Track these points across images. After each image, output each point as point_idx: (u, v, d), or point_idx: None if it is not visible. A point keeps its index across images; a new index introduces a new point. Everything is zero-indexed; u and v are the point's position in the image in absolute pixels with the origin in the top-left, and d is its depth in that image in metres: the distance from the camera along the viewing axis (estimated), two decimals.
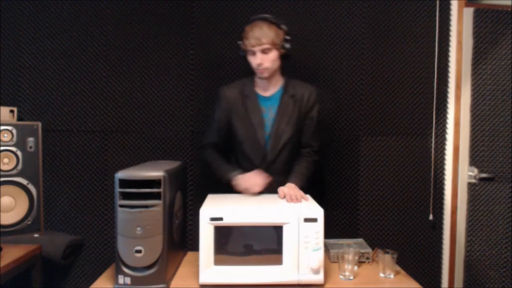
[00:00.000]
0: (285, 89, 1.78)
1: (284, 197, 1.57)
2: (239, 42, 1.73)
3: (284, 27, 1.71)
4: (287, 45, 1.72)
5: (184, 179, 1.86)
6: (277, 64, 1.72)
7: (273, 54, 1.68)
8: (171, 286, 1.39)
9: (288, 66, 2.14)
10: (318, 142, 1.86)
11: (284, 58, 1.75)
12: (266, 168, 1.75)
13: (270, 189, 1.73)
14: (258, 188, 1.64)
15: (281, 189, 1.61)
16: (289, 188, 1.61)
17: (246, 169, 1.75)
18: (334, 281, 1.44)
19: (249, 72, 1.80)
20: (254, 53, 1.67)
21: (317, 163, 1.86)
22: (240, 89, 1.79)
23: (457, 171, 2.24)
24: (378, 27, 2.19)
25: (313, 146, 1.84)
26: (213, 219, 1.35)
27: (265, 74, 1.70)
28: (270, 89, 1.78)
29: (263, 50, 1.65)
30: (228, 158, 1.85)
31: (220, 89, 1.83)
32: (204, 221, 1.35)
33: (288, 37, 1.71)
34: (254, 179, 1.65)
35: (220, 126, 1.81)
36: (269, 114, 1.77)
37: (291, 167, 1.79)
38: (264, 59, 1.66)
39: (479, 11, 2.18)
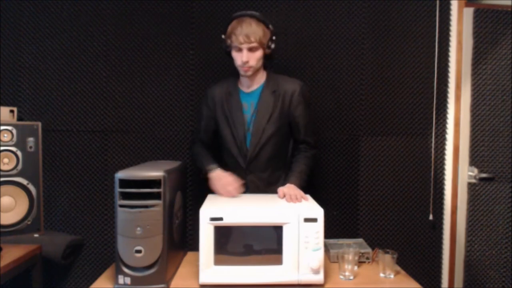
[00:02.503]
0: (266, 84, 1.76)
1: (284, 196, 1.57)
2: (223, 36, 1.70)
3: (271, 27, 1.69)
4: (273, 46, 1.70)
5: (184, 179, 1.86)
6: (261, 63, 1.70)
7: (259, 53, 1.66)
8: (171, 286, 1.38)
9: (289, 66, 2.15)
10: (313, 137, 1.83)
11: (268, 57, 1.73)
12: (247, 164, 1.75)
13: (254, 186, 1.75)
14: (234, 192, 1.62)
15: (280, 189, 1.61)
16: (289, 188, 1.60)
17: (230, 164, 1.78)
18: (334, 281, 1.44)
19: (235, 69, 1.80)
20: (240, 50, 1.64)
21: (316, 156, 1.85)
22: (226, 87, 1.80)
23: (457, 171, 2.24)
24: (378, 27, 2.19)
25: (309, 142, 1.82)
26: (213, 219, 1.35)
27: (249, 73, 1.68)
28: (252, 86, 1.76)
29: (250, 48, 1.63)
30: (219, 155, 1.86)
31: (207, 88, 1.86)
32: (204, 221, 1.35)
33: (274, 38, 1.70)
34: (226, 182, 1.64)
35: (206, 125, 1.84)
36: (250, 110, 1.75)
37: (275, 163, 1.78)
38: (250, 57, 1.64)
39: (479, 11, 2.18)
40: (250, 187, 1.76)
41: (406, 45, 2.20)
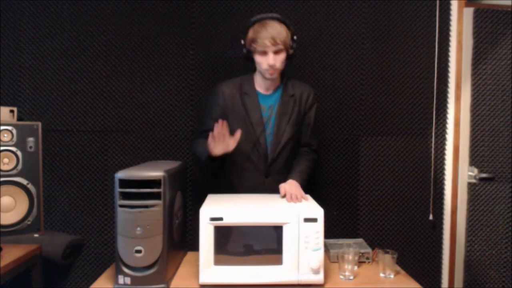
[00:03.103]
0: (284, 88, 1.76)
1: (285, 195, 1.56)
2: (242, 42, 1.67)
3: (291, 27, 1.67)
4: (294, 46, 1.68)
5: (184, 179, 1.86)
6: (284, 64, 1.68)
7: (283, 55, 1.65)
8: (171, 286, 1.38)
9: (288, 65, 2.15)
10: (316, 141, 1.87)
11: (289, 58, 1.70)
12: (267, 167, 1.75)
13: (271, 188, 1.72)
14: (232, 145, 1.56)
15: (282, 186, 1.60)
16: (290, 186, 1.59)
17: (244, 167, 1.75)
18: (334, 281, 1.44)
19: (247, 70, 1.79)
20: (265, 53, 1.62)
21: (316, 161, 1.86)
22: (239, 86, 1.76)
23: (457, 171, 2.24)
24: (378, 27, 2.19)
25: (312, 145, 1.85)
26: (213, 219, 1.35)
27: (274, 75, 1.67)
28: (271, 88, 1.76)
29: (276, 51, 1.61)
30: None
31: (217, 86, 1.78)
32: (204, 221, 1.35)
33: (295, 38, 1.67)
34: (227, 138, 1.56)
35: (214, 124, 1.76)
36: (269, 113, 1.75)
37: (290, 166, 1.78)
38: (276, 60, 1.62)
39: (479, 11, 2.18)
40: (269, 191, 1.71)
41: (406, 45, 2.21)
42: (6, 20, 2.08)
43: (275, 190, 1.66)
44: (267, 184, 1.75)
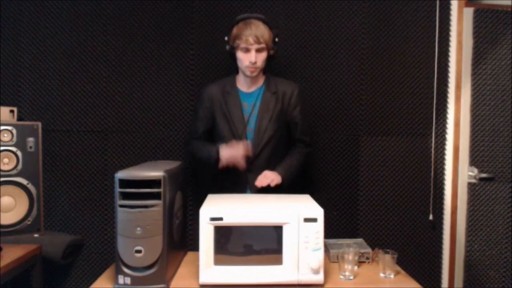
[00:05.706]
0: (267, 85, 1.80)
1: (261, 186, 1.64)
2: (226, 38, 1.74)
3: (274, 29, 1.74)
4: (275, 47, 1.76)
5: (184, 179, 1.86)
6: (265, 63, 1.75)
7: (265, 54, 1.72)
8: (171, 286, 1.38)
9: (289, 66, 2.15)
10: (309, 137, 1.89)
11: (270, 59, 1.78)
12: (249, 164, 1.76)
13: (254, 186, 1.75)
14: (242, 162, 1.69)
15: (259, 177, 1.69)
16: (266, 172, 1.68)
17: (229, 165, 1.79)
18: (334, 281, 1.44)
19: (234, 70, 1.83)
20: (248, 51, 1.69)
21: (309, 155, 1.89)
22: (222, 86, 1.82)
23: (457, 171, 2.24)
24: (378, 27, 2.19)
25: (304, 141, 1.87)
26: (213, 219, 1.35)
27: (255, 73, 1.73)
28: (252, 86, 1.81)
29: (258, 49, 1.69)
30: None
31: (202, 88, 1.87)
32: (204, 221, 1.35)
33: (276, 40, 1.75)
34: (237, 150, 1.69)
35: (203, 125, 1.85)
36: (251, 110, 1.78)
37: (274, 163, 1.80)
38: (258, 58, 1.70)
39: (479, 11, 2.18)
40: (251, 187, 1.76)
41: (406, 45, 2.21)
42: (6, 20, 2.08)
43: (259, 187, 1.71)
44: (250, 180, 1.77)
